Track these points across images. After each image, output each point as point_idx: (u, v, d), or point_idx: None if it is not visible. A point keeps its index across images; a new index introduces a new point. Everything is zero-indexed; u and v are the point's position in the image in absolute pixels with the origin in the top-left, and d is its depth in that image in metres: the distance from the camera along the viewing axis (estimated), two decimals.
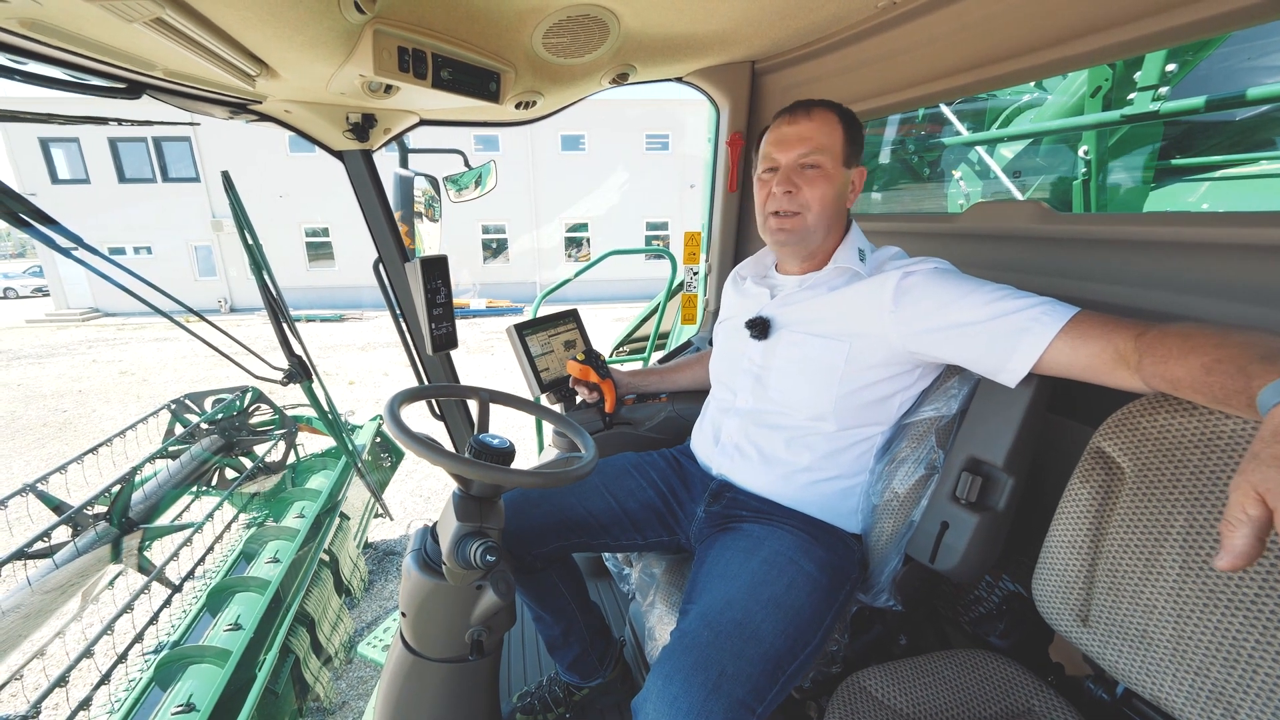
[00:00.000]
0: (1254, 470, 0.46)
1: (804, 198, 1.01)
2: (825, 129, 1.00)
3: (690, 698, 0.74)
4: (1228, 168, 2.24)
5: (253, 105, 1.24)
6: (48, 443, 6.33)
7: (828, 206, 1.01)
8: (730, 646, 0.80)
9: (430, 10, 0.95)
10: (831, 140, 1.00)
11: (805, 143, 1.00)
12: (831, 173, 1.00)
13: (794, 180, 1.01)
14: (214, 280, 17.15)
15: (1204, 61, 2.20)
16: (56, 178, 15.92)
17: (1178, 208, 2.31)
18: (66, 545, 2.28)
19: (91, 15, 0.67)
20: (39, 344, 12.39)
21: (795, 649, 0.84)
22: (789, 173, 1.01)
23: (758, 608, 0.86)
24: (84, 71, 0.92)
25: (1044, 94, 2.80)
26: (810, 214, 1.01)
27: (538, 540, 1.12)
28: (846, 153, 1.01)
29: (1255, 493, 0.45)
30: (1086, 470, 0.76)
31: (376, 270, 1.70)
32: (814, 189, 1.00)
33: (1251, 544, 0.45)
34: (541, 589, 1.21)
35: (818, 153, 0.99)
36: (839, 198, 1.02)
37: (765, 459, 1.09)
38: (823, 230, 1.04)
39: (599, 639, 1.31)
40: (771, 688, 0.80)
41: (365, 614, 3.29)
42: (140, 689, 1.87)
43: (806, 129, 1.00)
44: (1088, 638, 0.72)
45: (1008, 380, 0.85)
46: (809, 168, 1.00)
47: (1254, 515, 0.45)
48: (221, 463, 3.26)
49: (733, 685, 0.76)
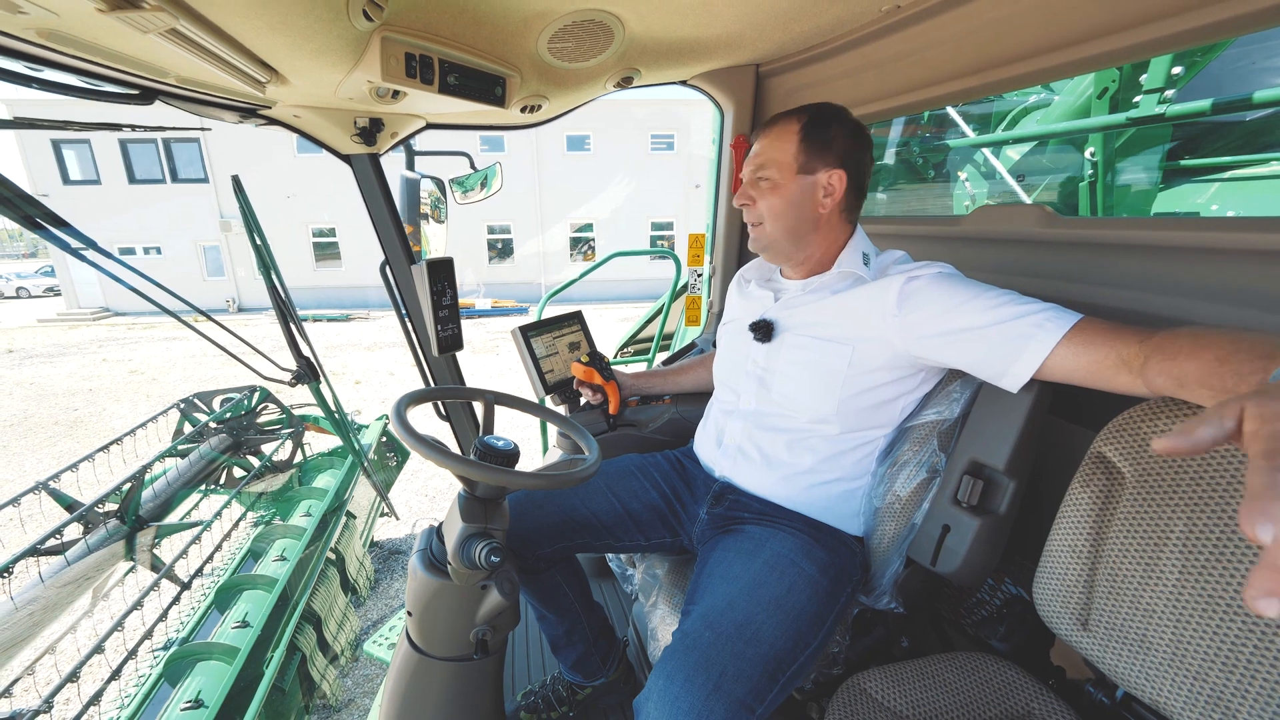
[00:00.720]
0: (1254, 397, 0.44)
1: (758, 210, 1.06)
2: (778, 142, 1.03)
3: (691, 697, 0.75)
4: (1238, 169, 2.22)
5: (263, 110, 1.26)
6: (59, 441, 6.41)
7: (781, 216, 1.04)
8: (731, 647, 0.81)
9: (437, 17, 0.96)
10: (782, 152, 1.03)
11: (757, 157, 1.06)
12: (780, 182, 1.03)
13: (748, 193, 1.07)
14: (222, 280, 17.30)
15: (1213, 62, 2.18)
16: (68, 179, 16.11)
17: (1187, 209, 2.29)
18: (78, 542, 2.32)
19: (107, 25, 0.68)
20: (51, 343, 12.54)
21: (796, 650, 0.85)
22: (746, 186, 1.08)
23: (759, 609, 0.87)
24: (98, 78, 0.94)
25: (1051, 94, 2.79)
26: (767, 224, 1.06)
27: (542, 541, 1.13)
28: (802, 160, 1.02)
29: (1240, 409, 0.43)
30: (1087, 475, 0.76)
31: (383, 272, 1.72)
32: (764, 200, 1.05)
33: (1206, 442, 0.44)
34: (546, 589, 1.22)
35: (766, 166, 1.04)
36: (795, 206, 1.03)
37: (768, 461, 1.10)
38: (787, 238, 1.06)
39: (602, 639, 1.32)
40: (772, 688, 0.80)
41: (371, 613, 3.31)
42: (150, 685, 1.89)
43: (761, 145, 1.06)
44: (1088, 642, 0.73)
45: (1010, 385, 0.85)
46: (761, 180, 1.05)
47: (1228, 426, 0.44)
48: (230, 462, 3.29)
49: (733, 685, 0.77)
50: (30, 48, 0.78)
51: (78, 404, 7.81)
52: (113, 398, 8.09)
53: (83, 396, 8.17)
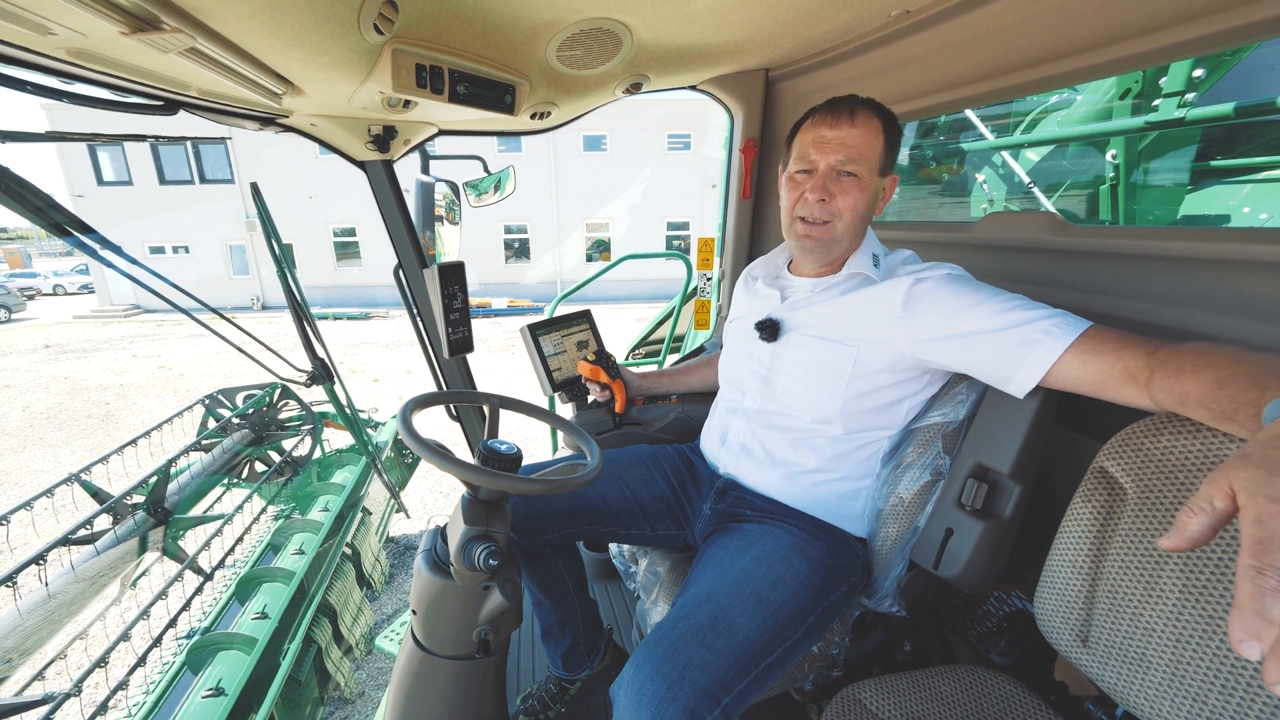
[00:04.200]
0: (1239, 468, 0.44)
1: (836, 206, 0.97)
2: (867, 136, 0.95)
3: (655, 685, 0.76)
4: (1272, 169, 2.14)
5: (280, 119, 1.30)
6: (91, 433, 6.65)
7: (859, 216, 0.98)
8: (701, 638, 0.81)
9: (447, 28, 0.98)
10: (872, 148, 0.95)
11: (845, 149, 0.95)
12: (867, 182, 0.97)
13: (829, 187, 0.97)
14: (247, 279, 17.73)
15: (1246, 57, 2.11)
16: (102, 180, 16.67)
17: (1217, 211, 2.21)
18: (107, 533, 2.41)
19: (130, 45, 0.72)
20: (84, 339, 13.00)
21: (772, 643, 0.85)
22: (825, 179, 0.98)
23: (736, 602, 0.87)
24: (125, 92, 0.98)
25: (1073, 94, 2.72)
26: (840, 223, 0.98)
27: (551, 526, 1.14)
28: (884, 161, 0.98)
29: (1230, 488, 0.44)
30: (1089, 490, 0.75)
31: (397, 275, 1.76)
32: (848, 198, 0.97)
33: (1204, 532, 0.44)
34: (546, 574, 1.23)
35: (856, 161, 0.95)
36: (871, 207, 1.00)
37: (771, 459, 1.10)
38: (849, 239, 1.02)
39: (591, 631, 1.33)
40: (741, 680, 0.80)
41: (385, 607, 3.38)
42: (173, 672, 1.96)
43: (849, 134, 0.95)
44: (1087, 658, 0.72)
45: (1015, 391, 0.84)
46: (845, 175, 0.96)
47: (1219, 508, 0.44)
48: (252, 454, 3.39)
49: (698, 674, 0.77)
50: (62, 65, 0.82)
51: (109, 398, 8.09)
52: (142, 392, 8.36)
53: (114, 391, 8.47)
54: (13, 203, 1.12)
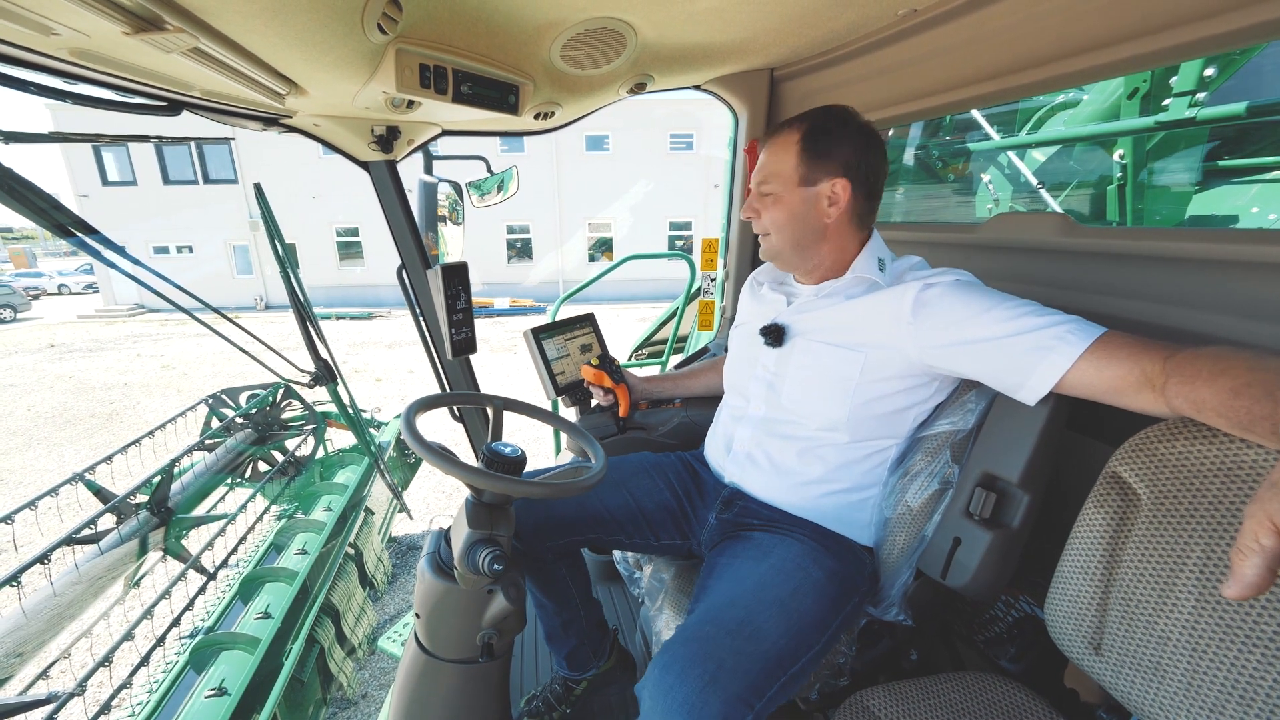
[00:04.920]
0: (1272, 499, 0.45)
1: (764, 222, 1.06)
2: (779, 154, 1.02)
3: (686, 688, 0.75)
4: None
5: (284, 119, 1.29)
6: (96, 433, 6.67)
7: (785, 228, 1.03)
8: (730, 643, 0.80)
9: (451, 28, 0.97)
10: (783, 165, 1.02)
11: (760, 171, 1.06)
12: (783, 196, 1.02)
13: (754, 206, 1.07)
14: (251, 279, 17.78)
15: (1256, 56, 2.09)
16: (107, 180, 16.75)
17: (1226, 212, 2.19)
18: (111, 532, 2.41)
19: (133, 45, 0.71)
20: (89, 338, 13.05)
21: (798, 651, 0.84)
22: (751, 199, 1.08)
23: (762, 608, 0.87)
24: (128, 92, 0.97)
25: (1080, 93, 2.70)
26: (774, 236, 1.06)
27: (554, 533, 1.14)
28: (803, 172, 1.00)
29: (1270, 522, 0.44)
30: (1102, 495, 0.74)
31: (400, 276, 1.75)
32: (769, 213, 1.05)
33: (1262, 574, 0.44)
34: (549, 579, 1.23)
35: (768, 180, 1.04)
36: (799, 218, 1.02)
37: (776, 469, 1.09)
38: (793, 250, 1.05)
39: (596, 632, 1.33)
40: (770, 687, 0.79)
41: (388, 607, 3.38)
42: (176, 672, 1.96)
43: (765, 156, 1.05)
44: (1100, 666, 0.71)
45: (1027, 398, 0.83)
46: (765, 193, 1.05)
47: (1267, 545, 0.44)
48: (255, 454, 3.39)
49: (730, 679, 0.76)
50: (65, 65, 0.82)
51: (113, 397, 8.12)
52: (146, 392, 8.39)
53: (118, 390, 8.50)
54: (17, 204, 1.12)
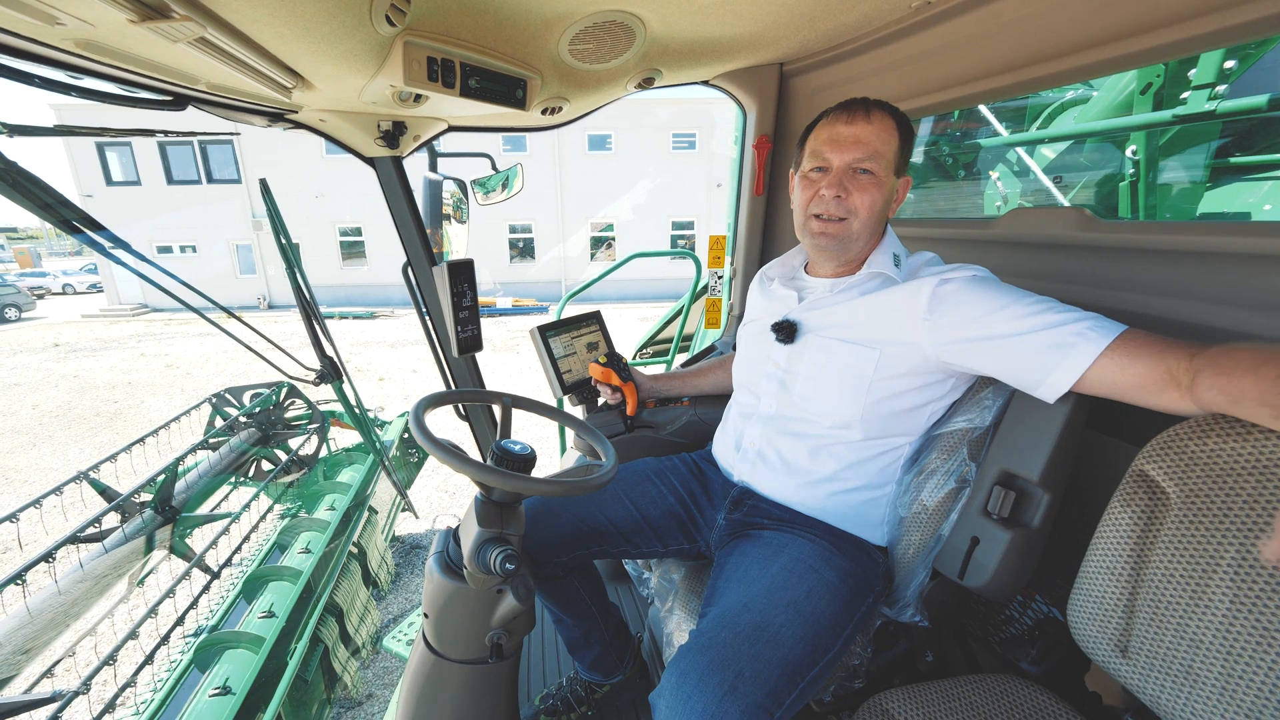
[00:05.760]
0: None
1: (852, 203, 0.97)
2: (883, 134, 0.95)
3: (705, 697, 0.73)
4: None
5: (289, 115, 1.28)
6: (100, 432, 6.69)
7: (874, 214, 0.98)
8: (748, 649, 0.79)
9: (459, 21, 0.96)
10: (887, 147, 0.96)
11: (861, 146, 0.95)
12: (883, 180, 0.97)
13: (845, 184, 0.97)
14: (254, 278, 17.82)
15: (1265, 56, 2.06)
16: (111, 180, 16.78)
17: (1238, 209, 2.16)
18: (115, 531, 2.41)
19: (139, 35, 0.70)
20: (93, 337, 13.09)
21: (815, 656, 0.83)
22: (841, 176, 0.97)
23: (777, 611, 0.85)
24: (133, 86, 0.96)
25: (1090, 89, 2.68)
26: (856, 220, 0.98)
27: (559, 549, 1.13)
28: (899, 161, 0.98)
29: None
30: (1128, 494, 0.72)
31: (405, 273, 1.74)
32: (864, 195, 0.96)
33: None
34: (562, 595, 1.21)
35: (873, 159, 0.95)
36: (886, 206, 1.00)
37: (787, 467, 1.08)
38: (865, 237, 1.01)
39: (618, 638, 1.32)
40: (790, 693, 0.78)
41: (392, 607, 3.37)
42: (181, 670, 1.96)
43: (864, 132, 0.95)
44: (1127, 670, 0.69)
45: (1046, 396, 0.81)
46: (862, 173, 0.96)
47: None
48: (259, 454, 3.38)
49: (750, 687, 0.75)
50: (70, 58, 0.81)
51: (117, 396, 8.13)
52: (150, 391, 8.40)
53: (122, 389, 8.51)
54: (24, 199, 1.11)
